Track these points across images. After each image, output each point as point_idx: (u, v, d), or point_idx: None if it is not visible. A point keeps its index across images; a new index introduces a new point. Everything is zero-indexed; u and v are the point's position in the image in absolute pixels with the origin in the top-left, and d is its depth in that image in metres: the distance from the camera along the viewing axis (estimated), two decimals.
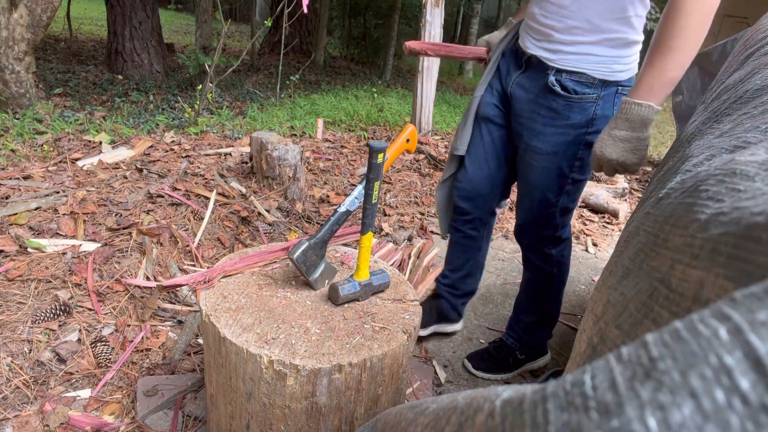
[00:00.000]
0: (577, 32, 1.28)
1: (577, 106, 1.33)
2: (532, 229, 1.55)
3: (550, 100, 1.35)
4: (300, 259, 1.10)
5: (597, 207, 3.39)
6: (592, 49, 1.28)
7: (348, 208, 1.15)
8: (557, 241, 1.57)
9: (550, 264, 1.60)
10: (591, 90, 1.31)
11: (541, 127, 1.39)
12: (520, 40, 1.45)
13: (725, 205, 0.40)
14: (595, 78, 1.30)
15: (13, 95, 3.36)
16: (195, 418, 1.39)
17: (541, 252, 1.59)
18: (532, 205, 1.50)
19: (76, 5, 9.46)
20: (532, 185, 1.47)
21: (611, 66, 1.30)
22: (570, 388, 0.26)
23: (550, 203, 1.47)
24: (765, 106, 0.68)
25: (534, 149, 1.42)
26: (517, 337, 1.75)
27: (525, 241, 1.61)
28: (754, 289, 0.24)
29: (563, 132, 1.37)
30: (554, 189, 1.45)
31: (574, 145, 1.38)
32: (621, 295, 0.50)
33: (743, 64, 1.03)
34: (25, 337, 1.55)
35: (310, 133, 4.08)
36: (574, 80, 1.31)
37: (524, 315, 1.73)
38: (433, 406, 0.42)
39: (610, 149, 1.15)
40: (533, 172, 1.45)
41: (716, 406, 0.20)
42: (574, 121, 1.35)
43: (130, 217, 2.20)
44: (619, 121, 1.14)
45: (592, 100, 1.32)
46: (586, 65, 1.30)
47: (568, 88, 1.32)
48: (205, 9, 4.74)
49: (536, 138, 1.41)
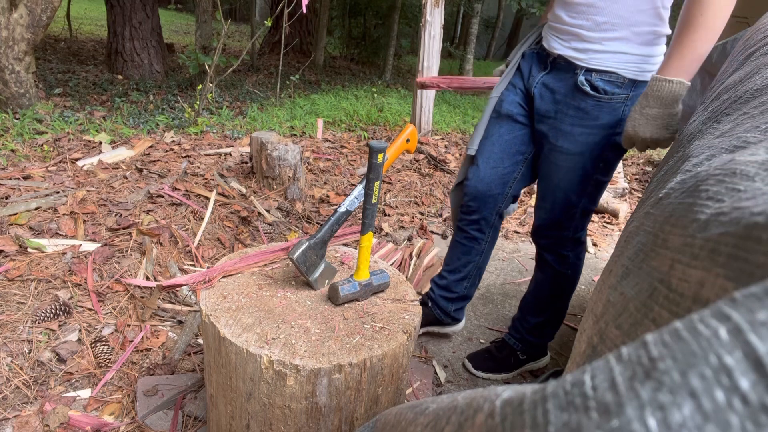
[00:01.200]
0: (606, 27, 1.27)
1: (607, 106, 1.32)
2: (552, 229, 1.53)
3: (578, 100, 1.34)
4: (300, 259, 1.10)
5: (597, 207, 3.39)
6: (623, 47, 1.27)
7: (348, 208, 1.15)
8: (575, 243, 1.56)
9: (566, 266, 1.58)
10: (621, 90, 1.31)
11: (569, 128, 1.38)
12: (544, 41, 1.44)
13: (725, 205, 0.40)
14: (626, 78, 1.30)
15: (13, 95, 3.36)
16: (195, 418, 1.39)
17: (558, 253, 1.57)
18: (554, 206, 1.49)
19: (76, 5, 9.46)
20: (555, 186, 1.46)
21: (641, 66, 1.29)
22: (570, 388, 0.26)
23: (572, 204, 1.46)
24: (765, 106, 0.68)
25: (560, 149, 1.41)
26: (521, 337, 1.74)
27: (543, 242, 1.59)
28: (754, 289, 0.24)
29: (592, 132, 1.36)
30: (577, 190, 1.44)
31: (600, 146, 1.37)
32: (621, 295, 0.50)
33: (743, 64, 1.03)
34: (25, 337, 1.55)
35: (310, 133, 4.08)
36: (604, 80, 1.30)
37: (531, 316, 1.70)
38: (432, 406, 0.42)
39: (644, 128, 1.16)
40: (558, 173, 1.44)
41: (716, 406, 0.20)
42: (604, 121, 1.34)
43: (130, 217, 2.20)
44: (650, 99, 1.15)
45: (621, 100, 1.31)
46: (616, 64, 1.29)
47: (598, 88, 1.31)
48: (205, 9, 4.74)
49: (563, 138, 1.39)
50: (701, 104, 1.05)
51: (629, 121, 1.18)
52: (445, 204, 3.19)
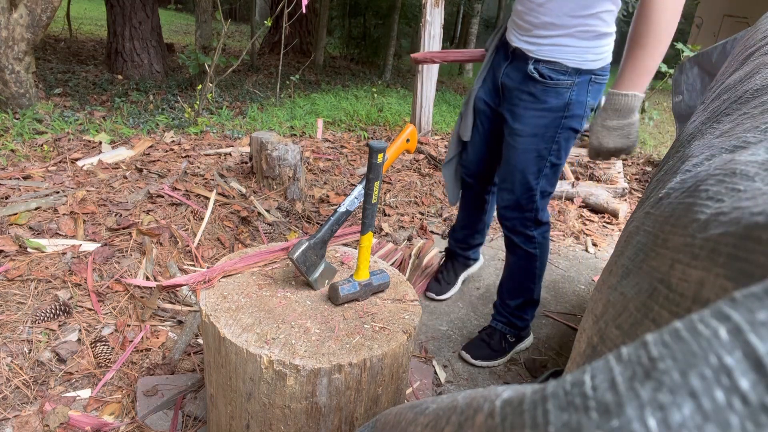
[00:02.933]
0: (551, 27, 1.43)
1: (552, 91, 1.48)
2: (515, 210, 1.67)
3: (530, 86, 1.50)
4: (300, 259, 1.10)
5: (597, 207, 3.39)
6: (565, 41, 1.43)
7: (348, 208, 1.15)
8: (538, 224, 1.69)
9: (533, 245, 1.72)
10: (565, 77, 1.46)
11: (522, 111, 1.54)
12: (507, 33, 1.59)
13: (725, 205, 0.40)
14: (569, 66, 1.45)
15: (13, 95, 3.36)
16: (195, 418, 1.39)
17: (524, 234, 1.71)
18: (513, 187, 1.63)
19: (76, 5, 9.46)
20: (513, 167, 1.60)
21: (583, 56, 1.44)
22: (570, 388, 0.26)
23: (531, 186, 1.61)
24: (765, 106, 0.68)
25: (516, 131, 1.57)
26: (507, 321, 1.85)
27: (508, 224, 1.72)
28: (754, 289, 0.24)
29: (541, 115, 1.51)
30: (534, 171, 1.58)
31: (551, 128, 1.52)
32: (621, 295, 0.50)
33: (743, 64, 1.03)
34: (25, 337, 1.55)
35: (310, 133, 4.08)
36: (549, 68, 1.46)
37: (509, 299, 1.84)
38: (432, 406, 0.42)
39: (606, 139, 1.28)
40: (515, 154, 1.59)
41: (716, 406, 0.20)
42: (551, 105, 1.49)
43: (130, 217, 2.20)
44: (609, 112, 1.27)
45: (566, 86, 1.47)
46: (560, 55, 1.44)
47: (544, 75, 1.47)
48: (205, 9, 4.74)
49: (518, 121, 1.55)
50: (701, 104, 1.05)
51: (593, 134, 1.31)
52: (445, 204, 3.19)
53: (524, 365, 1.86)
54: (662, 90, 8.20)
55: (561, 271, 2.59)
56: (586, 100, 1.50)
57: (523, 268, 1.77)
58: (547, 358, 1.89)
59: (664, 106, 8.45)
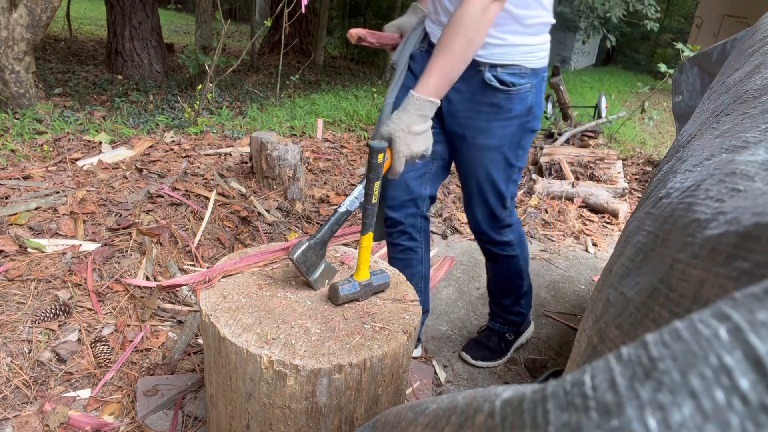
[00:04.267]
0: (499, 21, 1.26)
1: (516, 97, 1.36)
2: (490, 223, 1.59)
3: (489, 96, 1.36)
4: (300, 260, 1.10)
5: (597, 207, 3.39)
6: (518, 39, 1.31)
7: (348, 208, 1.15)
8: (511, 227, 1.63)
9: (512, 248, 1.66)
10: (525, 80, 1.35)
11: (485, 124, 1.40)
12: (434, 39, 1.38)
13: (725, 205, 0.40)
14: (528, 68, 1.34)
15: (12, 95, 3.36)
16: (195, 418, 1.39)
17: (500, 242, 1.64)
18: (486, 199, 1.53)
19: (76, 5, 9.46)
20: (483, 180, 1.49)
21: (537, 54, 1.35)
22: (570, 388, 0.26)
23: (502, 194, 1.53)
24: (765, 106, 0.68)
25: (481, 146, 1.44)
26: (503, 320, 1.82)
27: (484, 237, 1.64)
28: (754, 289, 0.24)
29: (508, 124, 1.40)
30: (504, 179, 1.50)
31: (517, 135, 1.43)
32: (621, 295, 0.50)
33: (743, 64, 1.03)
34: (25, 337, 1.55)
35: (310, 133, 4.08)
36: (509, 73, 1.33)
37: (503, 299, 1.79)
38: (432, 406, 0.42)
39: (414, 145, 1.18)
40: (482, 169, 1.47)
41: (716, 406, 0.20)
42: (516, 112, 1.38)
43: (129, 217, 2.20)
44: (414, 117, 1.18)
45: (528, 89, 1.37)
46: (517, 56, 1.32)
47: (506, 82, 1.34)
48: (205, 9, 4.74)
49: (482, 135, 1.42)
50: (701, 104, 1.05)
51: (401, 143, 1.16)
52: (445, 204, 3.19)
53: (524, 365, 1.86)
54: (662, 90, 8.20)
55: (561, 271, 2.59)
56: (542, 100, 1.44)
57: (507, 270, 1.72)
58: (547, 358, 1.89)
59: (664, 106, 8.45)
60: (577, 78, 10.67)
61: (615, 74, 12.74)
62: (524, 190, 3.51)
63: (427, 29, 1.44)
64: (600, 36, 9.22)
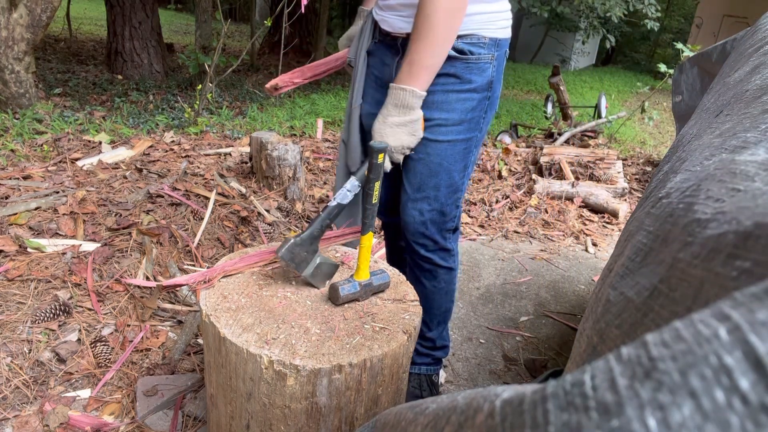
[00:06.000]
0: None
1: (476, 67, 1.25)
2: (434, 224, 1.38)
3: (446, 66, 1.23)
4: (286, 256, 1.09)
5: (597, 207, 3.39)
6: (473, 8, 1.19)
7: (340, 201, 1.13)
8: (454, 231, 1.44)
9: (452, 257, 1.46)
10: (485, 50, 1.25)
11: (442, 96, 1.26)
12: (384, 26, 1.32)
13: (725, 205, 0.40)
14: (486, 37, 1.24)
15: (12, 95, 3.36)
16: (195, 418, 1.39)
17: (443, 248, 1.42)
18: (437, 193, 1.34)
19: (76, 5, 9.46)
20: (437, 166, 1.32)
21: (496, 23, 1.25)
22: (570, 388, 0.26)
23: (457, 186, 1.36)
24: (765, 106, 0.68)
25: (437, 121, 1.28)
26: (431, 359, 1.60)
27: (426, 242, 1.40)
28: (754, 289, 0.24)
29: (467, 97, 1.27)
30: (460, 168, 1.34)
31: (477, 112, 1.30)
32: (621, 295, 0.50)
33: (743, 64, 1.03)
34: (24, 337, 1.55)
35: (309, 133, 4.08)
36: (467, 42, 1.23)
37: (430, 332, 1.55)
38: (432, 406, 0.42)
39: (391, 137, 1.15)
40: (437, 151, 1.30)
41: (716, 406, 0.20)
42: (476, 84, 1.27)
43: (129, 217, 2.20)
44: (389, 107, 1.15)
45: (488, 60, 1.26)
46: (473, 25, 1.22)
47: (464, 50, 1.24)
48: (205, 9, 4.74)
49: (438, 108, 1.27)
50: (701, 104, 1.05)
51: (376, 135, 1.15)
52: None
53: (524, 365, 1.86)
54: (662, 90, 8.20)
55: (561, 271, 2.59)
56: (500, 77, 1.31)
57: (443, 290, 1.49)
58: (547, 358, 1.89)
59: (664, 106, 8.45)
60: (577, 78, 10.67)
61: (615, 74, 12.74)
62: (524, 190, 3.51)
63: (376, 18, 1.35)
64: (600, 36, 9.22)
